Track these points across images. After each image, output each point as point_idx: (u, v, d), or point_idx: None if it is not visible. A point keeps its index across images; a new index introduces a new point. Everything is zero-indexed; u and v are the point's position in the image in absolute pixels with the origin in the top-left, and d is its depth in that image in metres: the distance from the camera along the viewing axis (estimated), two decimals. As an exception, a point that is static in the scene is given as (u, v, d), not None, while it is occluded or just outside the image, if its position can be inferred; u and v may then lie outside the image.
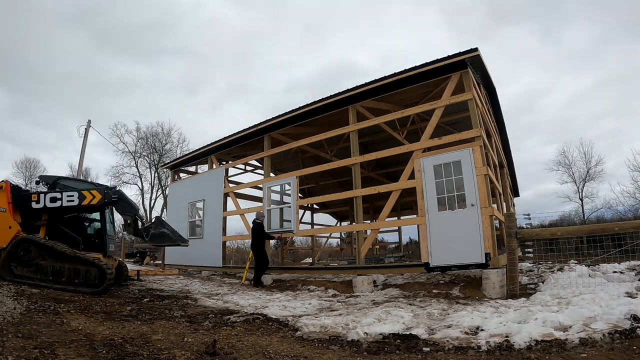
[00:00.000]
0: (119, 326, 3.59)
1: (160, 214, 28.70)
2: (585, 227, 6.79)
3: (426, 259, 6.65)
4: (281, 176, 10.72)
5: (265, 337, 3.53)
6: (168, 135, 31.78)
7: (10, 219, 5.78)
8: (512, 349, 2.86)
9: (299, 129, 9.70)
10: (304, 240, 23.31)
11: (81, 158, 18.87)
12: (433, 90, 8.03)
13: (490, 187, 6.64)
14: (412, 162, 7.26)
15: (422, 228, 6.83)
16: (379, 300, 5.65)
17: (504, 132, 11.49)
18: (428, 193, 6.86)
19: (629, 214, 20.07)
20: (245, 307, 5.16)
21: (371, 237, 8.47)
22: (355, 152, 8.14)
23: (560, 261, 8.75)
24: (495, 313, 4.08)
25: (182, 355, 2.74)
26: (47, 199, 6.06)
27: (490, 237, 6.09)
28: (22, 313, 3.63)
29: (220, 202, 10.99)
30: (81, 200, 6.20)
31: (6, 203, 5.84)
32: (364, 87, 7.78)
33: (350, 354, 3.01)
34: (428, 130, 7.19)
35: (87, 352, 2.67)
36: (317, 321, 4.04)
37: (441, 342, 3.13)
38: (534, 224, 7.05)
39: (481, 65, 7.30)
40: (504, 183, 10.72)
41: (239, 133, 10.41)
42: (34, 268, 5.57)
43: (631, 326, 3.02)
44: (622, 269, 6.86)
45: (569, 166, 25.00)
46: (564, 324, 3.29)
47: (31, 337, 2.85)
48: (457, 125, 9.58)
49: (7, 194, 5.89)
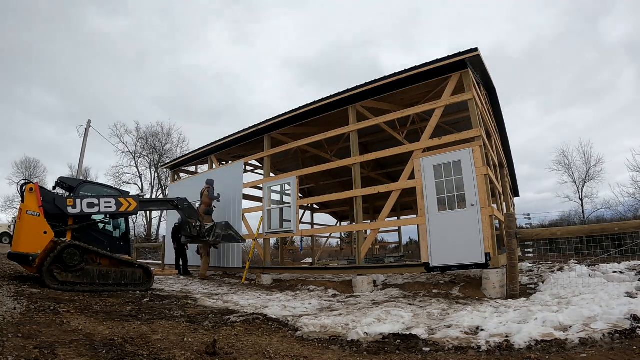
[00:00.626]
0: (119, 326, 3.59)
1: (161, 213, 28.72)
2: (585, 227, 6.78)
3: (426, 259, 6.65)
4: (281, 176, 10.72)
5: (265, 337, 3.53)
6: (168, 135, 31.83)
7: (44, 223, 5.52)
8: (512, 349, 2.86)
9: (299, 129, 9.69)
10: (304, 240, 23.28)
11: (81, 158, 18.89)
12: (433, 90, 8.03)
13: (490, 187, 6.64)
14: (412, 162, 7.26)
15: (422, 228, 6.83)
16: (379, 300, 5.65)
17: (504, 132, 11.49)
18: (428, 193, 6.86)
19: (629, 214, 20.08)
20: (245, 307, 5.16)
21: (371, 237, 8.46)
22: (355, 152, 8.14)
23: (560, 261, 8.75)
24: (495, 313, 4.08)
25: (182, 355, 2.74)
26: (85, 204, 6.08)
27: (490, 237, 6.09)
28: (22, 313, 3.62)
29: (218, 205, 10.97)
30: (118, 208, 6.42)
31: (37, 206, 5.53)
32: (364, 87, 7.78)
33: (350, 354, 3.01)
34: (428, 130, 7.19)
35: (87, 352, 2.67)
36: (317, 321, 4.04)
37: (441, 342, 3.13)
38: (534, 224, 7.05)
39: (481, 65, 7.31)
40: (504, 183, 10.72)
41: (239, 133, 10.40)
42: (80, 273, 5.59)
43: (631, 326, 3.02)
44: (622, 269, 6.85)
45: (569, 166, 25.05)
46: (564, 324, 3.29)
47: (31, 337, 2.84)
48: (457, 125, 9.58)
49: (37, 196, 5.61)
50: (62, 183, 6.53)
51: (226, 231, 8.84)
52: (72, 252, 5.57)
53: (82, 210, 6.02)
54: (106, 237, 6.51)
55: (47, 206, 5.67)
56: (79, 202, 6.03)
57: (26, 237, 5.31)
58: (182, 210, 8.00)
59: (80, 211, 6.00)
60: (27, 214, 5.39)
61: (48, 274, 5.30)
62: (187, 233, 8.50)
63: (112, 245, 6.49)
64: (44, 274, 5.25)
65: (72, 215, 5.98)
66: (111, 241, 6.53)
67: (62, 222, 5.97)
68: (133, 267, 6.35)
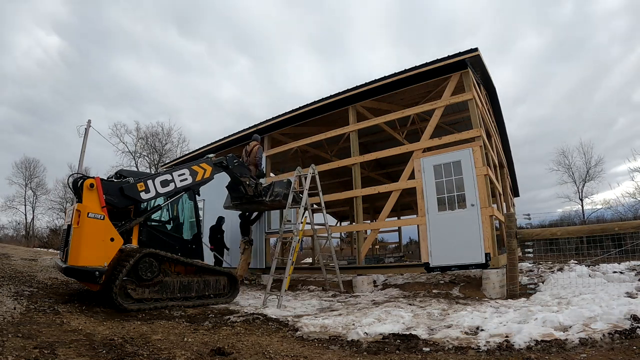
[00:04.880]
0: (118, 326, 3.59)
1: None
2: (585, 227, 6.79)
3: (426, 259, 6.65)
4: (281, 176, 10.71)
5: (265, 337, 3.53)
6: (168, 135, 31.79)
7: (111, 228, 4.44)
8: (512, 349, 2.85)
9: (299, 129, 9.69)
10: (304, 240, 23.28)
11: (81, 158, 18.88)
12: (433, 91, 8.04)
13: (490, 187, 6.64)
14: (412, 162, 7.26)
15: (422, 228, 6.83)
16: (379, 300, 5.65)
17: (504, 132, 11.50)
18: (428, 193, 6.86)
19: (629, 214, 20.08)
20: (245, 307, 5.16)
21: (371, 237, 8.47)
22: (355, 152, 8.14)
23: (560, 261, 8.75)
24: (495, 313, 4.08)
25: (182, 355, 2.74)
26: (158, 183, 5.02)
27: (490, 237, 6.09)
28: (22, 313, 3.62)
29: (220, 202, 10.94)
30: (194, 177, 5.46)
31: (100, 207, 4.40)
32: (364, 87, 7.78)
33: (350, 354, 3.01)
34: (428, 130, 7.19)
35: (87, 352, 2.67)
36: (317, 321, 4.04)
37: (441, 342, 3.13)
38: (534, 224, 7.04)
39: (481, 65, 7.31)
40: (504, 183, 10.73)
41: (238, 133, 10.40)
42: (158, 287, 4.72)
43: (631, 326, 3.02)
44: (622, 269, 6.85)
45: (569, 166, 25.04)
46: (564, 324, 3.28)
47: (31, 337, 2.84)
48: (457, 125, 9.58)
49: (99, 195, 4.44)
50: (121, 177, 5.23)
51: (287, 189, 7.22)
52: (149, 262, 4.63)
53: (157, 192, 5.00)
54: (176, 240, 5.52)
55: (114, 200, 4.59)
56: (151, 183, 4.97)
57: (88, 247, 4.22)
58: (232, 170, 6.59)
59: (155, 194, 4.99)
60: (88, 217, 4.26)
61: (121, 291, 4.34)
62: (240, 194, 7.16)
63: (183, 249, 5.48)
64: (116, 292, 4.22)
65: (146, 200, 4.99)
66: (182, 245, 5.53)
67: (124, 220, 4.89)
68: (215, 274, 5.45)
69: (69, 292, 5.14)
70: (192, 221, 5.96)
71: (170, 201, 5.55)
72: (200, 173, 5.60)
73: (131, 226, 4.92)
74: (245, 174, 6.93)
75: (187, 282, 5.05)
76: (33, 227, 30.64)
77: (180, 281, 5.00)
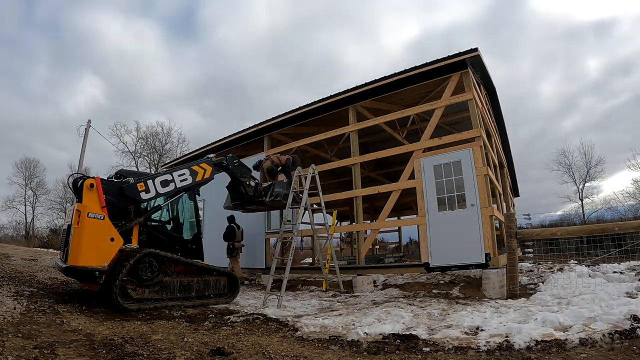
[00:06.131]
0: (118, 326, 3.59)
1: (160, 213, 28.68)
2: (585, 227, 6.79)
3: (426, 259, 6.65)
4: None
5: (265, 337, 3.53)
6: (168, 135, 31.79)
7: (111, 228, 4.45)
8: (512, 349, 2.85)
9: (299, 129, 9.69)
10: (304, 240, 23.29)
11: (81, 158, 18.89)
12: (433, 91, 8.04)
13: (490, 187, 6.64)
14: (412, 162, 7.26)
15: (422, 228, 6.83)
16: (379, 300, 5.65)
17: (504, 132, 11.50)
18: (428, 193, 6.86)
19: (629, 214, 20.08)
20: (245, 307, 5.16)
21: (371, 237, 8.47)
22: (355, 152, 8.14)
23: (560, 261, 8.74)
24: (495, 313, 4.08)
25: (182, 355, 2.74)
26: (158, 184, 5.00)
27: (490, 237, 6.09)
28: (22, 313, 3.62)
29: (220, 202, 10.94)
30: (194, 177, 5.43)
31: (100, 207, 4.40)
32: (364, 87, 7.78)
33: (350, 354, 3.01)
34: (428, 130, 7.19)
35: (87, 352, 2.67)
36: (317, 321, 4.04)
37: (441, 342, 3.13)
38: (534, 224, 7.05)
39: (481, 65, 7.31)
40: (504, 183, 10.73)
41: (238, 133, 10.40)
42: (158, 287, 4.74)
43: (631, 326, 3.02)
44: (622, 269, 6.85)
45: (569, 166, 25.05)
46: (564, 324, 3.29)
47: (31, 337, 2.84)
48: (457, 125, 9.58)
49: (99, 195, 4.44)
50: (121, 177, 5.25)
51: (287, 189, 7.20)
52: (149, 262, 4.65)
53: (157, 192, 4.99)
54: (176, 240, 5.57)
55: (114, 200, 4.60)
56: (151, 183, 4.94)
57: (89, 247, 4.24)
58: (232, 170, 6.57)
59: (155, 194, 4.98)
60: (88, 217, 4.27)
61: (121, 291, 4.35)
62: (240, 194, 7.13)
63: (183, 249, 5.53)
64: (116, 292, 4.23)
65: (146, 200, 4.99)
66: (182, 245, 5.58)
67: (125, 220, 4.88)
68: (216, 274, 5.46)
69: (69, 292, 5.14)
70: (192, 221, 5.97)
71: (171, 201, 5.56)
72: (200, 173, 5.61)
73: (131, 226, 4.93)
74: (245, 174, 6.93)
75: (187, 282, 5.06)
76: (33, 227, 30.68)
77: (180, 281, 5.00)
